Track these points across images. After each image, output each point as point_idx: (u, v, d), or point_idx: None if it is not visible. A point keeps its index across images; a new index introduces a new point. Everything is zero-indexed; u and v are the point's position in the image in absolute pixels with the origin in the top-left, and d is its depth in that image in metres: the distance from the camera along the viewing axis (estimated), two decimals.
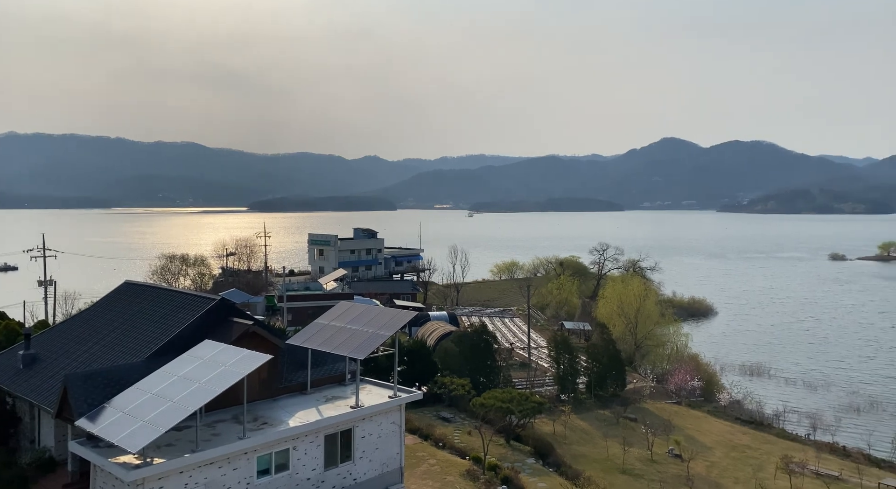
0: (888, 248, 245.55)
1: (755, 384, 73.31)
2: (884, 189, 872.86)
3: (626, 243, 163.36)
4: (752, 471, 40.82)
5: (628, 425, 48.64)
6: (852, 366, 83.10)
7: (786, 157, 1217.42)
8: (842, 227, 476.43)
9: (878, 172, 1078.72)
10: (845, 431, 55.55)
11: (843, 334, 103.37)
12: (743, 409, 58.81)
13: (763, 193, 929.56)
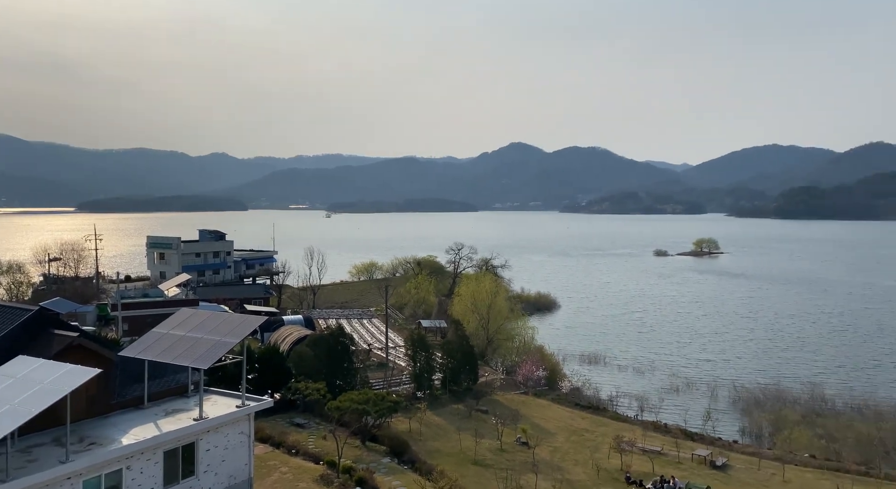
0: (701, 245, 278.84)
1: (593, 371, 79.75)
2: (698, 192, 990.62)
3: (480, 242, 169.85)
4: (590, 452, 44.42)
5: (480, 417, 50.72)
6: (673, 351, 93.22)
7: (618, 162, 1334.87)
8: (664, 226, 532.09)
9: (693, 177, 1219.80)
10: (667, 410, 62.22)
11: (665, 323, 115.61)
12: (582, 396, 63.72)
13: (599, 195, 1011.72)
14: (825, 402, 64.48)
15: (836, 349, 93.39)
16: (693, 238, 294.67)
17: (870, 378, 77.60)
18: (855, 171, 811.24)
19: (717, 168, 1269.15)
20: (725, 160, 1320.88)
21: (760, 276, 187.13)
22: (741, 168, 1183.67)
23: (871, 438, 50.81)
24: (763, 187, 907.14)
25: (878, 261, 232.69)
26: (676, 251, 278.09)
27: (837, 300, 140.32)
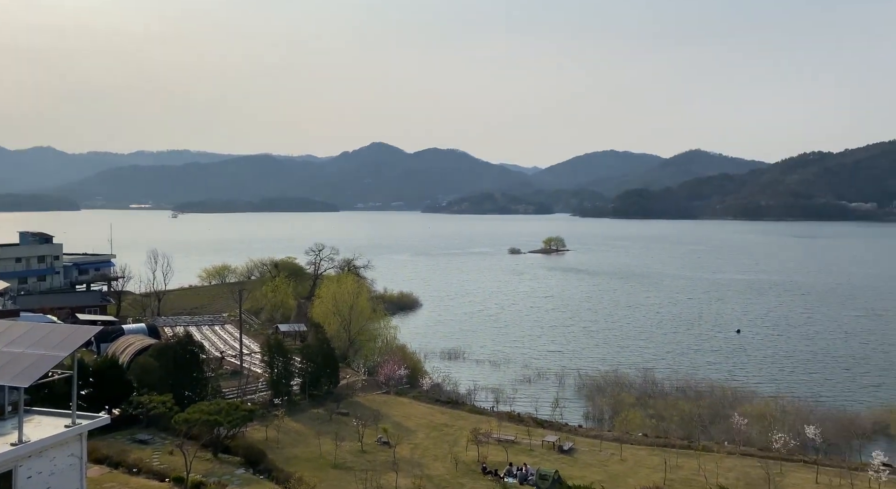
0: (550, 243, 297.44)
1: (453, 367, 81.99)
2: (547, 193, 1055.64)
3: (342, 243, 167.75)
4: (449, 446, 45.68)
5: (341, 420, 50.19)
6: (526, 344, 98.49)
7: (475, 164, 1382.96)
8: (517, 226, 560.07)
9: (542, 179, 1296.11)
10: (520, 400, 65.65)
11: (520, 318, 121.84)
12: (442, 391, 65.29)
13: (458, 196, 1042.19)
14: (655, 385, 71.51)
15: (665, 336, 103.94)
16: (543, 237, 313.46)
17: (692, 361, 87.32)
18: (678, 175, 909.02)
19: (563, 171, 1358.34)
20: (570, 164, 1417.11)
21: (601, 272, 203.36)
22: (584, 171, 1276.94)
23: (692, 415, 57.24)
24: (602, 189, 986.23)
25: (697, 256, 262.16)
26: (529, 249, 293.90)
27: (665, 292, 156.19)
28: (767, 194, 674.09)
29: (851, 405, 65.55)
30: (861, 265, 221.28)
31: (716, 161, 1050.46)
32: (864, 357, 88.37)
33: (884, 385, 74.35)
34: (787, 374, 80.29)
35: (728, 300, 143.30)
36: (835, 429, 54.30)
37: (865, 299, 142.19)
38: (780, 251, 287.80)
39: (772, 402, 61.08)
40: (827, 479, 39.89)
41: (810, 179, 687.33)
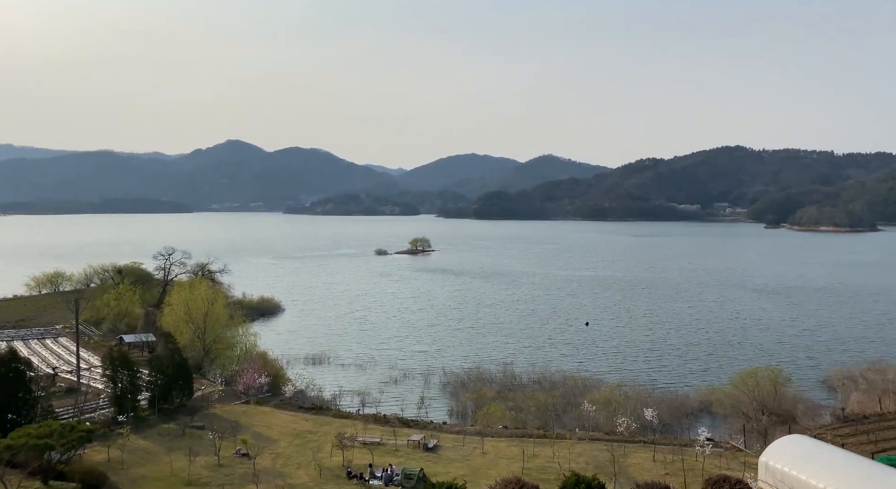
0: (416, 243, 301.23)
1: (317, 372, 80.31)
2: (412, 194, 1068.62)
3: (195, 246, 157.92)
4: (313, 453, 44.67)
5: (196, 434, 47.26)
6: (392, 345, 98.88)
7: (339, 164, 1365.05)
8: (384, 227, 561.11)
9: (408, 180, 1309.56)
10: (386, 402, 65.87)
11: (386, 319, 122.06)
12: (306, 398, 63.70)
13: (323, 196, 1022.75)
14: (515, 379, 75.00)
15: (524, 332, 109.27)
16: (409, 237, 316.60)
17: (547, 354, 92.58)
18: (533, 178, 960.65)
19: (428, 173, 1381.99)
20: (435, 166, 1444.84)
21: (465, 271, 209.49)
22: (447, 173, 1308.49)
23: (547, 405, 60.77)
24: (465, 191, 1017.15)
25: (552, 255, 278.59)
26: (395, 250, 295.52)
27: (524, 289, 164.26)
28: (610, 197, 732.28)
29: (682, 388, 73.02)
30: (689, 260, 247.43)
31: (566, 166, 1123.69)
32: (694, 344, 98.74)
33: (710, 369, 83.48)
34: (629, 363, 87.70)
35: (578, 295, 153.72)
36: (669, 410, 60.23)
37: (693, 292, 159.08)
38: (622, 249, 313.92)
39: (616, 389, 66.35)
40: (662, 457, 44.12)
41: (646, 183, 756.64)
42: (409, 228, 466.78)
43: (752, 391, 58.13)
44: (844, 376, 71.94)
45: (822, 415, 57.84)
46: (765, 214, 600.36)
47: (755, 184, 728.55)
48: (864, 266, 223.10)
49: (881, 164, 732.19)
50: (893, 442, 47.38)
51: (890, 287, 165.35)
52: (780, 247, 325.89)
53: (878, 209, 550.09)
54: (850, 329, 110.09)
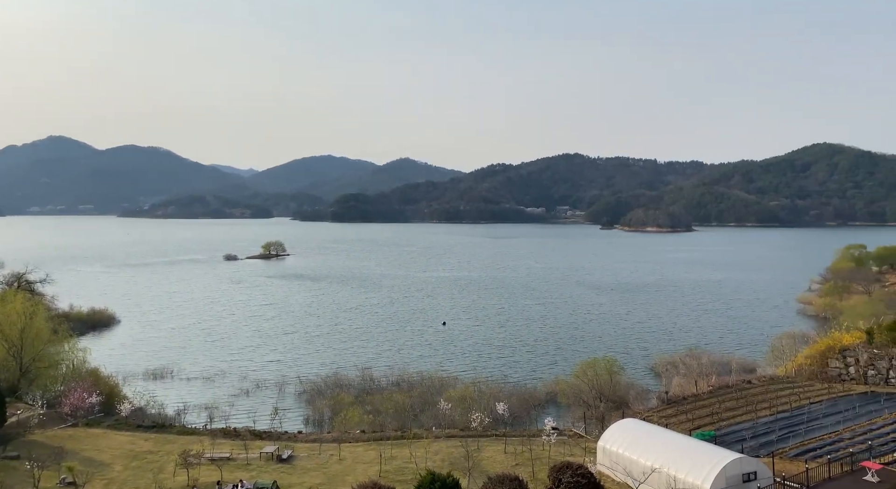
0: (269, 248, 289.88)
1: (159, 388, 74.40)
2: (264, 196, 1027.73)
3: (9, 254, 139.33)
4: (153, 475, 41.28)
5: (10, 465, 41.71)
6: (244, 356, 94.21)
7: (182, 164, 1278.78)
8: (233, 230, 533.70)
9: (260, 182, 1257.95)
10: (237, 415, 62.64)
11: (237, 328, 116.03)
12: (146, 415, 58.75)
13: (164, 198, 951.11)
14: (373, 382, 74.80)
15: (383, 335, 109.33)
16: (262, 241, 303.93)
17: (406, 355, 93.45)
18: (391, 181, 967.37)
19: (282, 174, 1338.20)
20: (289, 167, 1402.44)
21: (323, 276, 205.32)
22: (302, 175, 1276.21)
23: (405, 406, 61.30)
24: (321, 193, 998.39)
25: (410, 257, 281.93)
26: (247, 255, 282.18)
27: (383, 292, 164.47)
28: (465, 200, 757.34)
29: (532, 381, 77.23)
30: (536, 260, 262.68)
31: (423, 169, 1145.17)
32: (542, 339, 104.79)
33: (557, 362, 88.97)
34: (484, 359, 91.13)
35: (437, 296, 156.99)
36: (519, 403, 63.40)
37: (540, 290, 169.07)
38: (477, 250, 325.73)
39: (471, 386, 68.60)
40: (513, 448, 46.32)
41: (497, 187, 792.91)
42: (262, 232, 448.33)
43: (591, 380, 62.88)
44: (667, 363, 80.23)
45: (650, 399, 64.00)
46: (600, 216, 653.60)
47: (592, 188, 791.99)
48: (684, 263, 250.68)
49: (695, 172, 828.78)
50: (706, 419, 53.70)
51: (705, 281, 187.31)
52: (613, 247, 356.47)
53: (693, 211, 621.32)
54: (673, 320, 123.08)
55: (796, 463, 41.70)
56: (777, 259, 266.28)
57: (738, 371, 74.69)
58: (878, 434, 47.90)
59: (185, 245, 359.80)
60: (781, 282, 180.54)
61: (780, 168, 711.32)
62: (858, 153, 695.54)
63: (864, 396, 59.35)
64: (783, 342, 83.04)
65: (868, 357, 68.69)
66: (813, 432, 49.37)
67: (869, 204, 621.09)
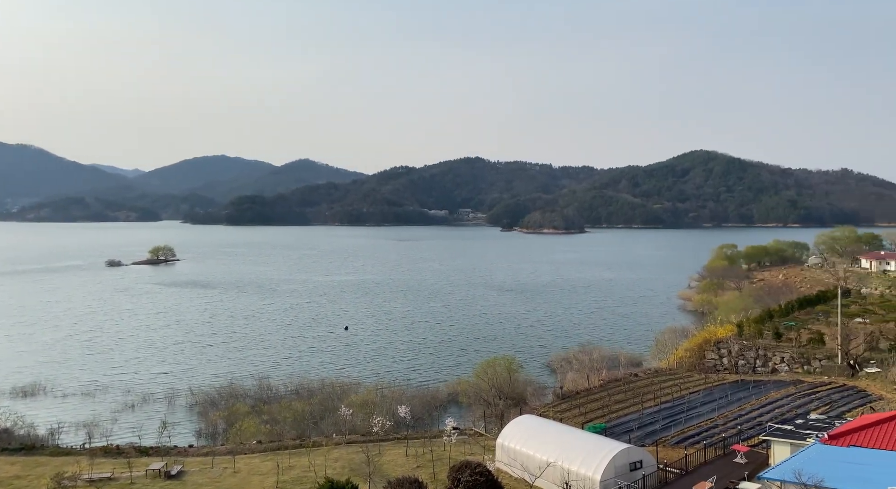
0: (157, 253, 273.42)
1: (29, 406, 68.18)
2: (152, 198, 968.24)
3: None
4: None
5: None
6: (129, 369, 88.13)
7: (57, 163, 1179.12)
8: (117, 234, 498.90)
9: (146, 183, 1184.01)
10: (120, 431, 58.50)
11: (121, 340, 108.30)
12: (13, 437, 53.54)
13: (36, 200, 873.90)
14: (271, 390, 72.39)
15: (283, 342, 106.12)
16: (149, 246, 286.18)
17: (307, 362, 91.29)
18: (290, 182, 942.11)
19: (171, 175, 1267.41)
20: (178, 167, 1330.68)
21: (218, 282, 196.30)
22: (194, 176, 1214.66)
23: (304, 414, 59.83)
24: (214, 195, 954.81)
25: (312, 261, 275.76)
26: (132, 260, 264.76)
27: (283, 298, 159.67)
28: (368, 202, 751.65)
29: (435, 383, 77.83)
30: (440, 262, 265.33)
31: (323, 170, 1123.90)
32: (447, 341, 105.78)
33: (461, 363, 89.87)
34: (388, 363, 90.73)
35: (340, 300, 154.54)
36: (422, 405, 63.67)
37: (444, 291, 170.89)
38: (381, 252, 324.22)
39: (374, 390, 68.11)
40: (414, 450, 46.46)
41: (400, 189, 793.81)
42: (150, 236, 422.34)
43: (491, 379, 64.36)
44: (562, 359, 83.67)
45: (546, 395, 66.42)
46: (500, 219, 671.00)
47: (492, 191, 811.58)
48: (578, 263, 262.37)
49: (587, 176, 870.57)
50: (598, 412, 56.45)
51: (597, 280, 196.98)
52: (513, 248, 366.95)
53: (586, 214, 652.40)
54: (569, 317, 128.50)
55: (677, 449, 44.77)
56: (661, 258, 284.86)
57: (627, 365, 79.20)
58: (747, 419, 52.41)
59: (63, 250, 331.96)
60: (664, 280, 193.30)
61: (662, 173, 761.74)
62: (730, 160, 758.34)
63: (736, 384, 64.72)
64: (666, 336, 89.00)
65: (739, 348, 75.02)
66: (692, 420, 53.20)
67: (739, 207, 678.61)
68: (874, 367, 64.31)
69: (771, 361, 72.22)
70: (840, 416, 47.13)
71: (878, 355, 67.18)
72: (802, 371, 68.53)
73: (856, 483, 28.22)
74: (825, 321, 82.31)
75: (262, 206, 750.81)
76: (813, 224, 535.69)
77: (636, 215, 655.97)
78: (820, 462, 30.52)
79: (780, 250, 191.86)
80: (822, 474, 28.06)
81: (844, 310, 77.52)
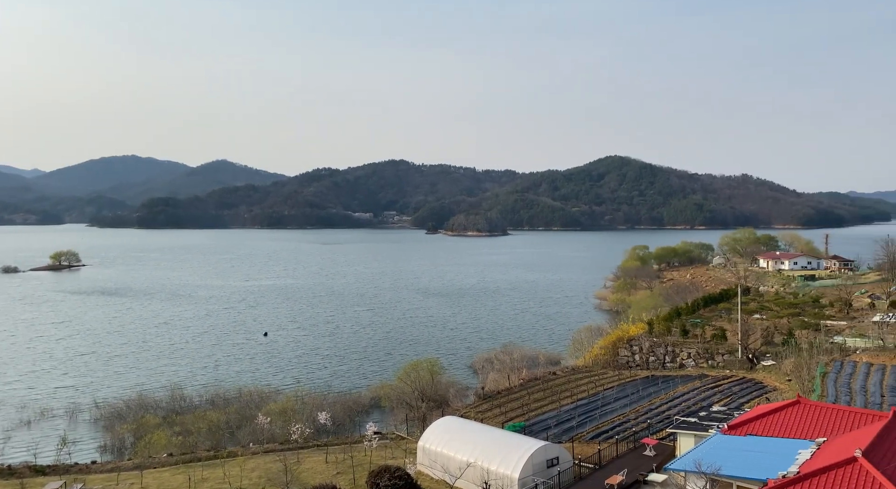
0: (60, 258, 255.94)
1: None
2: (54, 200, 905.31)
3: None
4: None
5: None
6: (25, 383, 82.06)
7: None
8: (14, 238, 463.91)
9: (47, 184, 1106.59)
10: (14, 450, 54.37)
11: (18, 353, 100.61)
12: None
13: None
14: (185, 401, 69.40)
15: (199, 350, 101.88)
16: (51, 251, 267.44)
17: (223, 371, 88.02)
18: (206, 184, 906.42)
19: (75, 175, 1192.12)
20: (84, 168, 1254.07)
21: (128, 288, 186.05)
22: (101, 177, 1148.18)
23: (220, 423, 57.69)
24: (124, 197, 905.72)
25: (230, 265, 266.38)
26: (31, 266, 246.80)
27: (200, 304, 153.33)
28: (289, 204, 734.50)
29: (358, 388, 76.98)
30: (365, 265, 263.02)
31: (242, 172, 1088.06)
32: (372, 345, 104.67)
33: (387, 367, 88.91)
34: (311, 369, 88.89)
35: (260, 306, 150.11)
36: (343, 410, 62.95)
37: (370, 295, 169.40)
38: (304, 256, 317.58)
39: (294, 397, 66.57)
40: (334, 457, 45.75)
41: (323, 192, 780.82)
42: (51, 240, 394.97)
43: (414, 382, 64.43)
44: (485, 360, 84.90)
45: (468, 396, 67.19)
46: (425, 221, 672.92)
47: (417, 194, 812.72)
48: (502, 265, 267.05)
49: (509, 180, 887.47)
50: (517, 411, 57.63)
51: (521, 281, 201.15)
52: (439, 251, 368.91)
53: (508, 216, 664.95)
54: (493, 319, 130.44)
55: (592, 445, 46.39)
56: (579, 259, 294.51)
57: (546, 364, 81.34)
58: (657, 413, 55.00)
59: None
60: (583, 280, 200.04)
61: (580, 177, 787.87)
62: (642, 165, 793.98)
63: (647, 380, 67.81)
64: (582, 335, 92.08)
65: (649, 345, 78.65)
66: (606, 416, 55.26)
67: (651, 210, 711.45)
68: (770, 360, 69.06)
69: (679, 357, 76.16)
70: (739, 408, 50.31)
71: (773, 349, 72.21)
72: (707, 365, 72.68)
73: (750, 469, 30.19)
74: (727, 318, 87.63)
75: (177, 208, 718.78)
76: (717, 226, 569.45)
77: (556, 218, 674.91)
78: (719, 451, 32.46)
79: (688, 251, 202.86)
80: (720, 463, 29.85)
81: (744, 308, 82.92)
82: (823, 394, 50.60)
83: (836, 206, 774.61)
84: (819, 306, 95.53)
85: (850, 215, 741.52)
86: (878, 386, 51.22)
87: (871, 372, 54.52)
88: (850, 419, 35.30)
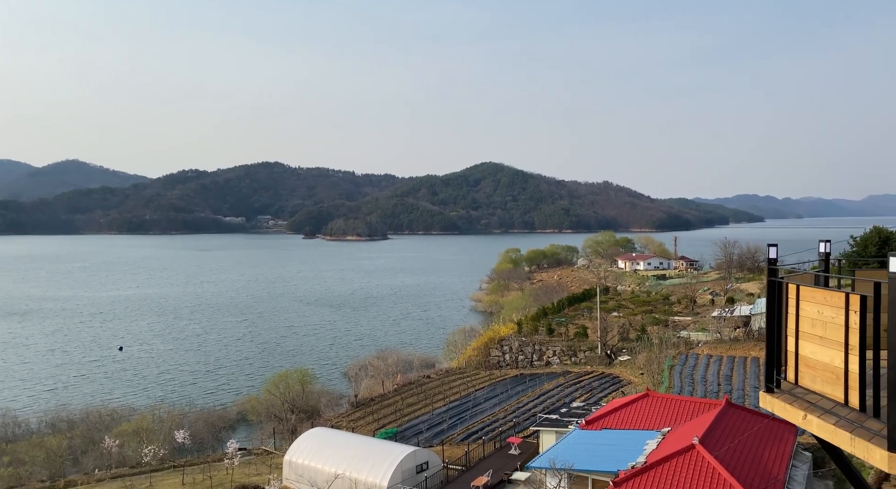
0: None
1: None
2: None
3: None
4: None
5: None
6: None
7: None
8: None
9: None
10: None
11: None
12: None
13: None
14: (20, 427, 62.06)
15: (43, 370, 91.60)
16: None
17: (70, 392, 79.70)
18: (53, 186, 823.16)
19: None
20: None
21: None
22: None
23: (61, 449, 52.07)
24: None
25: (83, 275, 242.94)
26: None
27: (46, 319, 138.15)
28: (152, 208, 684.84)
29: (225, 402, 72.81)
30: (240, 272, 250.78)
31: (96, 173, 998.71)
32: (245, 358, 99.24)
33: (260, 380, 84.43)
34: (173, 386, 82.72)
35: (118, 319, 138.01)
36: (206, 427, 59.26)
37: (245, 304, 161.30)
38: (169, 263, 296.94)
39: (149, 415, 61.69)
40: (192, 478, 42.88)
41: (190, 195, 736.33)
42: None
43: (283, 393, 62.09)
44: (359, 366, 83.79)
45: (341, 405, 65.85)
46: (303, 226, 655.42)
47: (293, 198, 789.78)
48: (383, 270, 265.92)
49: (388, 184, 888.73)
50: (391, 417, 57.37)
51: (401, 286, 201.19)
52: (318, 256, 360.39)
53: (388, 221, 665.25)
54: (372, 326, 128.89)
55: (462, 447, 47.11)
56: (458, 262, 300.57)
57: (421, 367, 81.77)
58: (524, 411, 57.04)
59: None
60: (460, 283, 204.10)
61: (457, 182, 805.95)
62: (514, 171, 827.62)
63: (516, 379, 70.26)
64: (456, 337, 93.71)
65: (519, 344, 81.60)
66: (476, 416, 56.48)
67: (523, 214, 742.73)
68: (626, 356, 74.17)
69: (545, 355, 79.69)
70: (597, 402, 53.42)
71: (629, 345, 77.64)
72: (570, 362, 76.66)
73: (604, 463, 31.98)
74: (589, 316, 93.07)
75: (18, 212, 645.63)
76: (582, 229, 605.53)
77: (435, 222, 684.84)
78: (577, 446, 34.11)
79: (556, 253, 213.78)
80: (575, 458, 31.36)
81: (603, 306, 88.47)
82: (671, 385, 55.04)
83: (684, 211, 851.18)
84: (669, 303, 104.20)
85: (696, 219, 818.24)
86: (715, 375, 56.58)
87: (710, 363, 60.15)
88: (691, 408, 38.54)
